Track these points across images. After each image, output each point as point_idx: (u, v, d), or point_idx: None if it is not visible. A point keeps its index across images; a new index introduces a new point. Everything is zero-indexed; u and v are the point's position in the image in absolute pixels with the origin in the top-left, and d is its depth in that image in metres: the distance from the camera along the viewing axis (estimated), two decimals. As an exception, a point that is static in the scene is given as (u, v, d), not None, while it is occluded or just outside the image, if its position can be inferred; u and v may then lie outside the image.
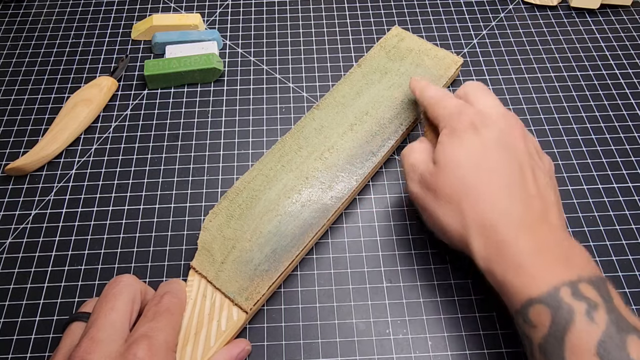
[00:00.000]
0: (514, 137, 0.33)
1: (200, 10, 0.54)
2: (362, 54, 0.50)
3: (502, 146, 0.32)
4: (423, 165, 0.34)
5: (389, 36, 0.47)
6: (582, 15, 0.52)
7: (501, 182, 0.31)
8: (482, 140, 0.32)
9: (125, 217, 0.40)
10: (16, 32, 0.53)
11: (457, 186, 0.31)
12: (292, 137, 0.41)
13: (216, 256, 0.35)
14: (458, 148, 0.32)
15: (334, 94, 0.43)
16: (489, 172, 0.31)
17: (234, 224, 0.37)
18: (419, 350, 0.34)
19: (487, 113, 0.34)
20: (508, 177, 0.31)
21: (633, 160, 0.42)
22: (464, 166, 0.32)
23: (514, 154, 0.32)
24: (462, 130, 0.33)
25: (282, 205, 0.37)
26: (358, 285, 0.37)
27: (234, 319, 0.33)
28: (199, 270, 0.35)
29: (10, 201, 0.41)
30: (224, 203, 0.38)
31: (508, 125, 0.33)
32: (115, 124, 0.45)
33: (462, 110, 0.34)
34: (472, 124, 0.33)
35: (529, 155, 0.33)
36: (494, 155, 0.32)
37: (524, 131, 0.34)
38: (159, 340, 0.27)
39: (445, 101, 0.35)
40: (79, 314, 0.30)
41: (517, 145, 0.33)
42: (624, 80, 0.47)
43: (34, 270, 0.38)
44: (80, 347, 0.26)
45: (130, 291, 0.29)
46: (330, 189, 0.38)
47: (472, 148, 0.32)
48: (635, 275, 0.37)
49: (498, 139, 0.32)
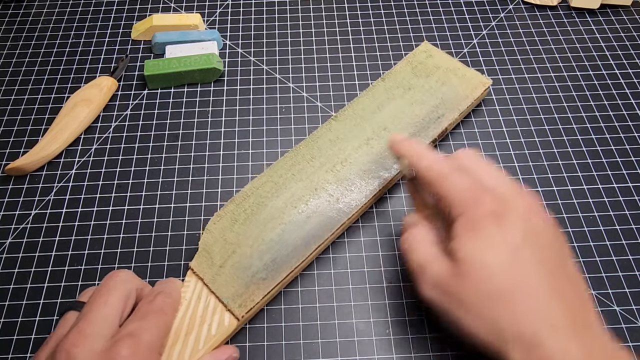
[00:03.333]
0: (538, 224, 0.29)
1: (200, 10, 0.54)
2: (362, 53, 0.50)
3: (530, 240, 0.28)
4: (436, 265, 0.29)
5: (417, 51, 0.46)
6: (582, 15, 0.52)
7: (538, 283, 0.27)
8: (507, 235, 0.28)
9: (125, 217, 0.40)
10: (16, 32, 0.53)
11: (488, 292, 0.27)
12: (306, 146, 0.41)
13: (215, 259, 0.35)
14: (483, 246, 0.28)
15: (353, 106, 0.43)
16: (523, 275, 0.27)
17: (238, 228, 0.37)
18: (419, 351, 0.34)
19: (503, 196, 0.30)
20: (545, 278, 0.27)
21: (633, 160, 0.42)
22: (493, 268, 0.27)
23: (543, 247, 0.28)
24: (483, 223, 0.28)
25: (287, 214, 0.37)
26: (358, 285, 0.37)
27: (224, 325, 0.33)
28: (197, 271, 0.35)
29: (10, 201, 0.41)
30: (230, 206, 0.38)
31: (528, 209, 0.30)
32: (115, 124, 0.45)
33: (478, 196, 0.29)
34: (493, 213, 0.29)
35: (557, 242, 0.29)
36: (525, 254, 0.28)
37: (541, 210, 0.30)
38: (144, 340, 0.27)
39: (453, 178, 0.31)
40: (75, 303, 0.30)
41: (542, 234, 0.29)
42: (624, 80, 0.47)
43: (34, 270, 0.38)
44: (68, 339, 0.26)
45: (125, 287, 0.29)
46: (338, 202, 0.37)
47: (498, 245, 0.28)
48: (636, 275, 0.37)
49: (524, 232, 0.28)
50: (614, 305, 0.35)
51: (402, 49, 0.50)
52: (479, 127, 0.44)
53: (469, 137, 0.44)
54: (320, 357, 0.34)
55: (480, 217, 0.29)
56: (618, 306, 0.35)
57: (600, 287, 0.36)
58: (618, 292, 0.36)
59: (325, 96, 0.47)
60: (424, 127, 0.41)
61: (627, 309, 0.35)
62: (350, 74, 0.48)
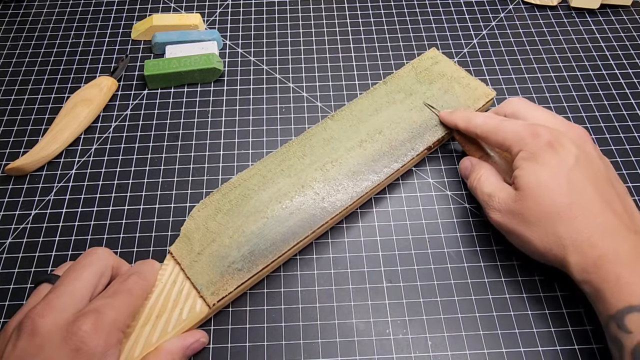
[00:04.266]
0: (588, 148, 0.34)
1: (200, 10, 0.54)
2: (362, 53, 0.50)
3: (582, 162, 0.33)
4: (502, 193, 0.34)
5: (424, 57, 0.46)
6: (582, 15, 0.52)
7: (591, 198, 0.32)
8: (562, 159, 0.33)
9: (125, 217, 0.40)
10: (16, 32, 0.53)
11: (548, 209, 0.32)
12: (298, 143, 0.41)
13: (195, 246, 0.36)
14: (541, 171, 0.32)
15: (351, 107, 0.43)
16: (577, 190, 0.32)
17: (220, 218, 0.37)
18: (419, 350, 0.34)
19: (557, 130, 0.34)
20: (596, 193, 0.32)
21: (633, 160, 0.42)
22: (552, 188, 0.32)
23: (593, 167, 0.33)
24: (541, 153, 0.33)
25: (271, 209, 0.37)
26: (358, 285, 0.37)
27: (196, 310, 0.33)
28: (176, 256, 0.35)
29: (10, 201, 0.41)
30: (216, 195, 0.38)
31: (579, 137, 0.35)
32: (115, 124, 0.45)
33: (535, 131, 0.34)
34: (548, 143, 0.33)
35: (604, 164, 0.34)
36: (578, 174, 0.32)
37: (590, 138, 0.35)
38: (107, 317, 0.28)
39: (507, 125, 0.36)
40: (51, 276, 0.31)
41: (592, 157, 0.34)
42: (624, 80, 0.47)
43: (34, 270, 0.38)
44: (36, 309, 0.27)
45: (100, 264, 0.30)
46: (323, 202, 0.38)
47: (555, 169, 0.32)
48: (635, 275, 0.37)
49: (577, 156, 0.33)
50: (614, 305, 0.35)
51: (402, 49, 0.50)
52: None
53: (469, 137, 0.44)
54: (320, 357, 0.34)
55: (538, 148, 0.33)
56: (618, 306, 0.35)
57: (600, 287, 0.36)
58: None
59: (325, 96, 0.47)
60: (420, 134, 0.41)
61: (627, 309, 0.35)
62: (350, 74, 0.48)
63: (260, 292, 0.36)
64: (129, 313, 0.29)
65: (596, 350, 0.34)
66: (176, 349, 0.32)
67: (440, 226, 0.39)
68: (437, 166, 0.42)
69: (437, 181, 0.41)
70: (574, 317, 0.35)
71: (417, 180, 0.41)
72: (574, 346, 0.34)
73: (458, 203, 0.40)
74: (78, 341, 0.26)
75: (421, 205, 0.40)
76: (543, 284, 0.36)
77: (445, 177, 0.42)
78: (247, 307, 0.36)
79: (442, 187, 0.41)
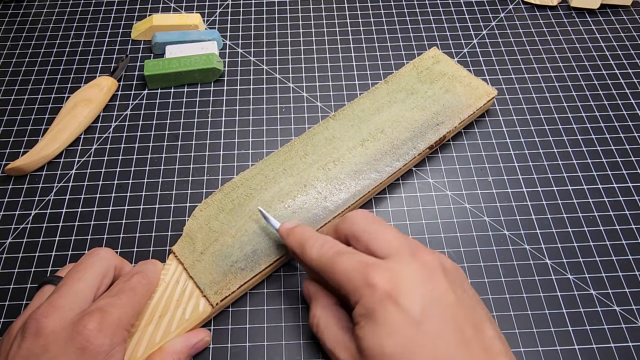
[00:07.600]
0: (436, 283, 0.28)
1: (200, 10, 0.54)
2: (362, 53, 0.50)
3: (430, 307, 0.27)
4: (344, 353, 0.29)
5: (425, 57, 0.46)
6: (582, 15, 0.52)
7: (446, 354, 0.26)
8: (405, 311, 0.26)
9: (125, 217, 0.40)
10: (16, 32, 0.53)
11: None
12: (300, 142, 0.41)
13: (197, 245, 0.36)
14: (382, 333, 0.26)
15: (353, 107, 0.43)
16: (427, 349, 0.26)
17: (223, 217, 0.37)
18: (419, 350, 0.34)
19: (395, 267, 0.28)
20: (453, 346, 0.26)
21: (633, 160, 0.42)
22: (395, 356, 0.26)
23: (447, 305, 0.27)
24: (379, 308, 0.27)
25: (273, 208, 0.37)
26: (358, 285, 0.37)
27: (199, 310, 0.33)
28: (178, 255, 0.35)
29: (10, 201, 0.41)
30: (218, 195, 0.38)
31: (422, 270, 0.28)
32: (115, 124, 0.45)
33: (369, 279, 0.27)
34: (386, 294, 0.27)
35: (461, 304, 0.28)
36: (428, 325, 0.26)
37: (442, 266, 0.29)
38: (112, 316, 0.28)
39: (341, 264, 0.29)
40: (53, 277, 0.31)
41: (444, 293, 0.27)
42: (624, 80, 0.47)
43: (34, 270, 0.38)
44: (40, 309, 0.27)
45: (103, 265, 0.30)
46: (326, 201, 0.38)
47: (398, 327, 0.26)
48: (635, 275, 0.37)
49: (422, 301, 0.27)
50: (614, 305, 0.35)
51: (402, 49, 0.50)
52: (479, 125, 0.44)
53: (468, 136, 0.44)
54: (321, 357, 0.34)
55: (375, 302, 0.27)
56: (618, 306, 0.35)
57: (600, 287, 0.36)
58: (618, 292, 0.36)
59: (325, 96, 0.47)
60: (421, 133, 0.41)
61: (627, 309, 0.35)
62: (351, 74, 0.48)
63: (260, 292, 0.36)
64: (133, 312, 0.29)
65: (596, 351, 0.34)
66: (181, 348, 0.32)
67: (440, 226, 0.39)
68: (437, 166, 0.42)
69: (437, 181, 0.41)
70: (574, 317, 0.35)
71: (417, 180, 0.41)
72: (574, 346, 0.34)
73: (458, 203, 0.40)
74: (83, 340, 0.26)
75: (421, 205, 0.40)
76: (543, 284, 0.36)
77: (445, 177, 0.42)
78: (247, 307, 0.36)
79: (442, 187, 0.41)
